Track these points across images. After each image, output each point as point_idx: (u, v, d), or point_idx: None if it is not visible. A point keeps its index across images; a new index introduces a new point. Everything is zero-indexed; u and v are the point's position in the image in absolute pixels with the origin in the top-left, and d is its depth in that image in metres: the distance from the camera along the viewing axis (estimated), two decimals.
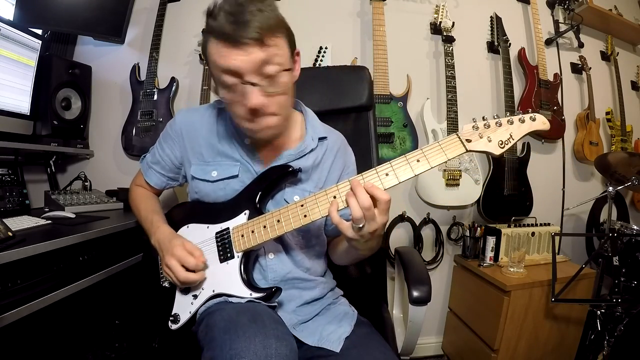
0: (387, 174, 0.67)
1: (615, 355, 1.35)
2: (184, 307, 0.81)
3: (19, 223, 1.02)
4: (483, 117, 0.67)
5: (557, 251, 1.54)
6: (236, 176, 0.84)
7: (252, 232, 0.76)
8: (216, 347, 0.61)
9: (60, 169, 1.66)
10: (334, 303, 0.90)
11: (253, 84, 0.69)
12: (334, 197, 0.69)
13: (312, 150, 0.87)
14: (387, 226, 0.70)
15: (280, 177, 0.82)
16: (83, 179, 1.53)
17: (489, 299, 1.54)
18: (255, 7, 0.67)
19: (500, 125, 0.65)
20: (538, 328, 1.53)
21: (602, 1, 1.96)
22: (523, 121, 0.65)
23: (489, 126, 0.65)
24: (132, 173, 1.07)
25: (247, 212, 0.80)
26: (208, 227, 0.83)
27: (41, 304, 0.87)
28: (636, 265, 1.45)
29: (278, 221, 0.74)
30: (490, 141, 0.65)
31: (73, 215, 1.20)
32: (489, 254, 1.65)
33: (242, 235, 0.77)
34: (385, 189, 0.65)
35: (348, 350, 0.76)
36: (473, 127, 0.66)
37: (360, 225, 0.64)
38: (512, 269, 1.54)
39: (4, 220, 0.86)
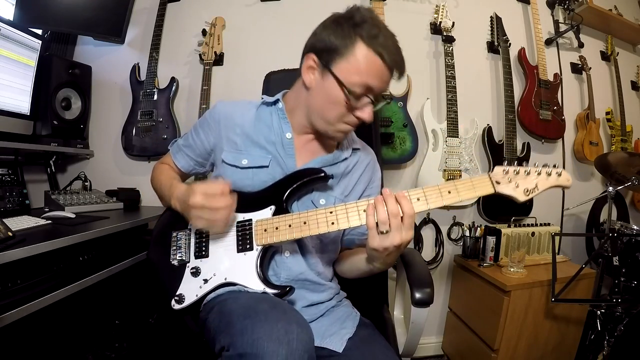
0: (418, 199, 0.71)
1: (615, 355, 1.35)
2: (192, 290, 0.79)
3: (19, 223, 1.02)
4: (515, 163, 0.71)
5: (557, 251, 1.55)
6: (266, 167, 0.85)
7: (277, 228, 0.77)
8: (235, 333, 0.61)
9: (60, 169, 1.66)
10: (338, 305, 0.91)
11: (373, 103, 0.79)
12: (364, 210, 0.71)
13: (345, 159, 0.90)
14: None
15: (311, 180, 0.82)
16: (83, 179, 1.53)
17: (489, 299, 1.54)
18: None
19: (529, 174, 0.70)
20: (538, 328, 1.53)
21: (602, 1, 1.96)
22: (550, 174, 0.70)
23: (518, 173, 0.70)
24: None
25: (272, 207, 0.80)
26: None
27: (41, 304, 0.87)
28: (636, 265, 1.45)
29: (304, 223, 0.75)
30: (517, 187, 0.70)
31: (73, 215, 1.20)
32: (489, 254, 1.65)
33: (265, 230, 0.78)
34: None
35: (350, 350, 0.77)
36: (503, 170, 0.70)
37: (385, 230, 0.66)
38: (512, 269, 1.54)
39: (4, 220, 0.86)
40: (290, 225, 0.76)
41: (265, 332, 0.58)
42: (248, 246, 0.78)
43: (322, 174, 0.82)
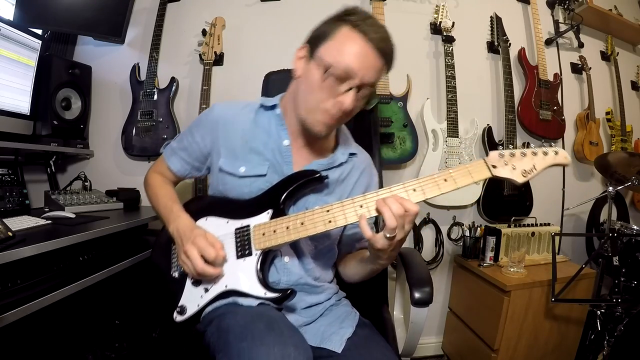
0: (414, 190, 0.69)
1: (615, 355, 1.35)
2: (193, 300, 0.80)
3: (19, 223, 1.02)
4: (509, 146, 0.70)
5: (557, 251, 1.55)
6: (264, 175, 0.85)
7: (274, 231, 0.76)
8: (233, 355, 0.61)
9: (60, 169, 1.66)
10: (337, 305, 0.90)
11: (357, 90, 0.75)
12: (360, 205, 0.70)
13: (340, 164, 0.89)
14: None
15: (307, 182, 0.82)
16: (83, 179, 1.53)
17: (489, 299, 1.54)
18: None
19: (525, 155, 0.69)
20: (538, 328, 1.53)
21: (602, 1, 1.96)
22: (546, 154, 0.69)
23: (514, 155, 0.69)
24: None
25: (270, 211, 0.80)
26: (228, 222, 0.83)
27: (41, 304, 0.87)
28: (636, 265, 1.45)
29: (302, 223, 0.74)
30: (514, 169, 0.69)
31: (73, 215, 1.20)
32: (489, 254, 1.65)
33: (264, 234, 0.77)
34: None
35: (350, 351, 0.77)
36: (499, 154, 0.69)
37: (393, 235, 0.66)
38: (512, 269, 1.54)
39: (4, 220, 0.86)
40: (288, 227, 0.75)
41: (261, 357, 0.58)
42: (247, 252, 0.78)
43: (317, 175, 0.81)
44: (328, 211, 0.72)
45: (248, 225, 0.80)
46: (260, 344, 0.60)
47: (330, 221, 0.72)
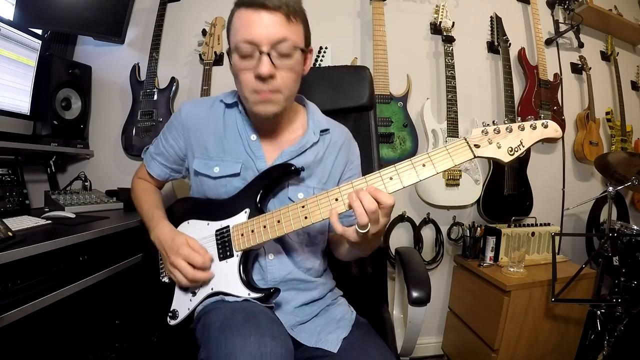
0: (391, 178, 0.66)
1: (615, 355, 1.35)
2: (183, 304, 0.81)
3: (19, 223, 1.02)
4: (493, 122, 0.65)
5: (557, 251, 1.54)
6: (238, 174, 0.84)
7: (252, 231, 0.76)
8: (212, 347, 0.62)
9: (60, 169, 1.66)
10: (333, 304, 0.90)
11: (268, 55, 0.72)
12: (336, 199, 0.69)
13: (313, 145, 0.87)
14: (387, 226, 0.71)
15: (282, 176, 0.81)
16: (83, 179, 1.53)
17: (489, 299, 1.54)
18: None
19: (511, 131, 0.63)
20: (538, 328, 1.53)
21: (602, 1, 1.96)
22: (535, 127, 0.63)
23: (498, 131, 0.63)
24: (132, 173, 1.07)
25: (247, 210, 0.79)
26: (208, 224, 0.83)
27: (41, 304, 0.87)
28: (636, 265, 1.45)
29: (278, 221, 0.73)
30: (499, 147, 0.63)
31: (73, 215, 1.20)
32: (489, 254, 1.65)
33: (242, 234, 0.77)
34: (388, 193, 0.65)
35: (346, 351, 0.76)
36: (482, 131, 0.64)
37: (365, 231, 0.64)
38: (512, 269, 1.54)
39: (4, 220, 0.86)
40: (265, 226, 0.74)
41: (237, 347, 0.58)
42: (228, 253, 0.78)
43: (292, 168, 0.80)
44: (303, 207, 0.71)
45: (228, 226, 0.80)
46: (237, 335, 0.60)
47: (306, 217, 0.71)
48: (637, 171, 1.46)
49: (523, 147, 0.63)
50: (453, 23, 1.77)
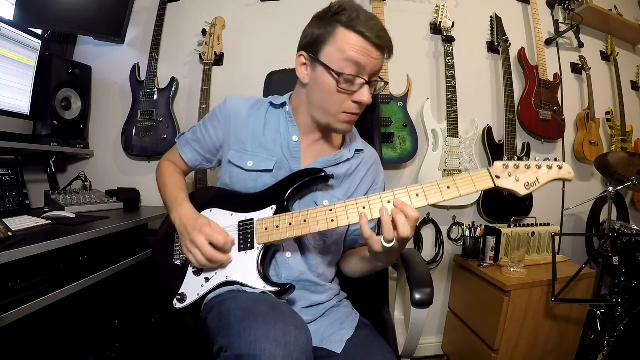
0: (417, 195, 0.70)
1: (615, 355, 1.35)
2: (193, 289, 0.80)
3: (19, 223, 1.02)
4: (515, 158, 0.71)
5: (557, 251, 1.55)
6: (270, 171, 0.86)
7: (277, 227, 0.77)
8: (233, 334, 0.61)
9: (60, 169, 1.66)
10: (337, 305, 0.91)
11: (370, 84, 0.79)
12: (364, 207, 0.71)
13: (347, 160, 0.91)
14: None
15: (312, 180, 0.83)
16: (83, 179, 1.53)
17: (489, 299, 1.54)
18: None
19: (529, 168, 0.69)
20: (538, 328, 1.53)
21: (602, 1, 1.96)
22: (550, 168, 0.69)
23: (518, 167, 0.69)
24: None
25: (274, 207, 0.81)
26: (232, 215, 0.84)
27: (41, 304, 0.87)
28: (636, 265, 1.45)
29: (304, 221, 0.75)
30: (517, 181, 0.69)
31: (73, 215, 1.20)
32: (489, 254, 1.65)
33: (266, 228, 0.78)
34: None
35: (349, 351, 0.77)
36: (503, 165, 0.69)
37: (391, 245, 0.67)
38: (512, 269, 1.54)
39: (4, 220, 0.86)
40: (290, 224, 0.76)
41: (262, 333, 0.58)
42: (249, 245, 0.79)
43: (323, 174, 0.82)
44: (331, 210, 0.73)
45: (252, 219, 0.81)
46: (262, 322, 0.61)
47: (332, 220, 0.73)
48: (637, 171, 1.46)
49: (538, 183, 0.69)
50: (453, 23, 1.77)
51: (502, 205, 1.78)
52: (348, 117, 0.82)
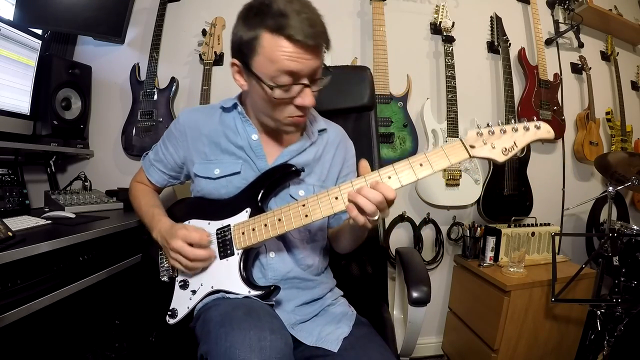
0: (389, 177, 0.68)
1: (615, 355, 1.35)
2: (182, 302, 0.81)
3: (19, 223, 1.02)
4: (487, 124, 0.67)
5: (557, 251, 1.55)
6: (238, 173, 0.85)
7: (253, 229, 0.77)
8: (211, 340, 0.62)
9: (60, 169, 1.66)
10: (333, 304, 0.90)
11: (308, 86, 0.74)
12: (336, 197, 0.70)
13: (312, 144, 0.89)
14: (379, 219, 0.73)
15: (283, 177, 0.82)
16: (83, 179, 1.53)
17: (489, 299, 1.54)
18: (318, 12, 0.73)
19: (505, 132, 0.65)
20: (538, 328, 1.53)
21: (602, 1, 1.96)
22: (527, 129, 0.65)
23: (493, 133, 0.66)
24: (133, 173, 1.08)
25: (248, 209, 0.80)
26: (209, 224, 0.84)
27: (41, 304, 0.87)
28: (636, 265, 1.45)
29: (279, 220, 0.74)
30: (493, 148, 0.65)
31: (73, 215, 1.20)
32: (489, 254, 1.65)
33: (243, 233, 0.78)
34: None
35: (346, 350, 0.76)
36: (477, 133, 0.66)
37: (376, 218, 0.66)
38: (512, 269, 1.54)
39: (4, 220, 0.86)
40: (266, 225, 0.76)
41: (237, 340, 0.59)
42: (229, 252, 0.79)
43: (293, 169, 0.81)
44: (304, 206, 0.73)
45: (229, 225, 0.81)
46: (237, 328, 0.61)
47: (306, 215, 0.72)
48: (637, 171, 1.46)
49: (516, 147, 0.65)
50: (453, 23, 1.77)
51: (502, 205, 1.78)
52: (295, 120, 0.79)
